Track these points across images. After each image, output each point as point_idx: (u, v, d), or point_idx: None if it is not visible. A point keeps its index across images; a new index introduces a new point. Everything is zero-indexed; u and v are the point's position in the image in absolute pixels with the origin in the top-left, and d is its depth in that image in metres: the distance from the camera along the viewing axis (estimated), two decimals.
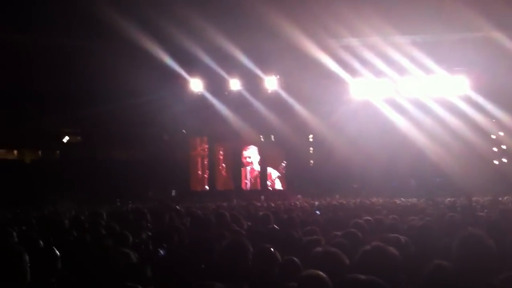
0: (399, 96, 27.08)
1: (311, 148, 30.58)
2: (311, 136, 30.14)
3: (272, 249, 3.98)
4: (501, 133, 27.28)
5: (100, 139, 29.24)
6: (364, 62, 25.76)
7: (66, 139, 30.41)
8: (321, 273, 2.94)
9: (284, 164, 29.81)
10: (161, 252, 5.20)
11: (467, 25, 22.71)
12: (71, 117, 26.86)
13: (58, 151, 31.10)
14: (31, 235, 5.87)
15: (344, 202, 15.58)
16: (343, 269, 3.21)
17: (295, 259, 4.06)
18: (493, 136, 27.71)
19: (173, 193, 27.76)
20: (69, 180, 24.50)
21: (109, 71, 23.04)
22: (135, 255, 4.63)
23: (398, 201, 16.18)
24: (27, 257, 3.38)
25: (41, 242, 5.10)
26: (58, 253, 4.26)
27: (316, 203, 13.27)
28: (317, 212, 10.61)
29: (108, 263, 4.17)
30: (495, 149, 28.14)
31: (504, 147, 27.82)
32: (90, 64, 23.50)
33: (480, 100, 25.71)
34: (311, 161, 30.31)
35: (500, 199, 14.74)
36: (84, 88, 24.65)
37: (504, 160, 27.83)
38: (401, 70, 26.13)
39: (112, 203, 17.81)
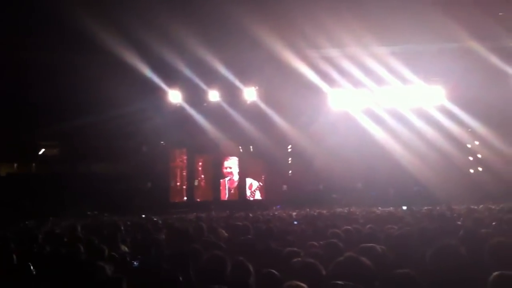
0: (377, 107, 27.32)
1: (289, 159, 30.65)
2: (290, 146, 30.21)
3: (245, 262, 3.97)
4: (476, 143, 27.67)
5: (78, 152, 28.90)
6: (342, 72, 25.95)
7: (42, 151, 30.02)
8: (301, 284, 2.94)
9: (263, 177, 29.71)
10: (135, 263, 5.15)
11: (445, 35, 23.08)
12: (49, 130, 26.54)
13: (34, 164, 30.66)
14: (5, 249, 5.78)
15: (324, 212, 15.63)
16: (320, 279, 3.21)
17: (274, 271, 4.05)
18: (469, 146, 28.09)
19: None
20: (45, 193, 24.15)
21: (88, 82, 22.85)
22: (110, 268, 4.58)
23: (377, 210, 16.26)
24: None
25: (15, 257, 5.02)
26: (32, 269, 4.19)
27: (294, 213, 13.27)
28: (295, 222, 10.62)
29: (83, 277, 4.12)
30: (470, 158, 28.53)
31: (479, 156, 28.22)
32: (68, 76, 23.28)
33: (456, 110, 26.07)
34: (290, 172, 30.37)
35: (475, 207, 14.91)
36: (62, 100, 24.37)
37: (480, 169, 28.21)
38: (379, 80, 26.38)
39: (90, 216, 17.57)
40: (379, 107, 27.32)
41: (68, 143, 29.24)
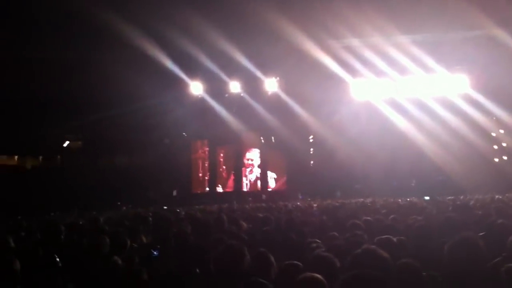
0: (399, 96, 27.08)
1: (311, 149, 30.58)
2: (311, 137, 30.13)
3: (266, 253, 3.98)
4: (501, 131, 27.25)
5: (101, 145, 29.26)
6: (364, 62, 25.75)
7: (66, 143, 30.46)
8: (317, 275, 2.95)
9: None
10: (154, 253, 5.22)
11: (468, 23, 22.70)
12: (73, 123, 26.91)
13: (59, 157, 31.14)
14: (30, 242, 5.90)
15: (346, 202, 15.59)
16: (334, 272, 3.23)
17: (297, 262, 4.06)
18: (493, 134, 27.69)
19: (174, 193, 27.80)
20: (70, 186, 24.53)
21: (110, 76, 23.05)
22: (132, 259, 4.66)
23: (399, 201, 16.15)
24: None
25: (41, 249, 5.12)
26: (58, 260, 4.28)
27: (315, 205, 13.26)
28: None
29: (105, 269, 4.19)
30: (495, 147, 28.12)
31: (504, 144, 27.80)
32: (90, 70, 23.53)
33: (481, 98, 25.69)
34: (311, 162, 30.31)
35: (499, 197, 14.69)
36: (85, 94, 24.69)
37: (505, 157, 27.80)
38: (401, 70, 26.13)
39: (113, 208, 17.82)
40: (402, 96, 27.07)
41: (92, 136, 29.59)
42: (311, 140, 30.29)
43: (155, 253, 5.21)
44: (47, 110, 25.66)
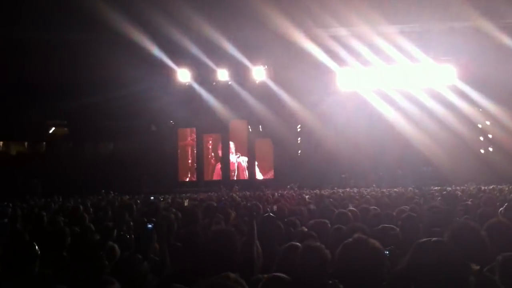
0: (386, 86, 27.13)
1: (299, 139, 30.60)
2: (299, 126, 30.13)
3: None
4: (488, 123, 27.45)
5: (87, 131, 29.00)
6: (351, 51, 25.74)
7: (52, 130, 30.18)
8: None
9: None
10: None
11: (455, 14, 22.80)
12: (58, 109, 26.61)
13: (44, 143, 30.83)
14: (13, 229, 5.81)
15: (333, 192, 15.64)
16: (326, 263, 3.20)
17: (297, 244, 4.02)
18: (480, 126, 27.89)
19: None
20: (55, 172, 24.32)
21: (96, 62, 22.84)
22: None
23: (385, 191, 16.23)
24: None
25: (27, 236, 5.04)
26: (37, 249, 4.18)
27: (307, 196, 13.26)
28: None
29: (96, 258, 4.10)
30: (481, 138, 28.33)
31: (490, 136, 28.00)
32: (76, 55, 23.30)
33: (467, 89, 25.83)
34: (299, 151, 30.33)
35: (484, 188, 14.83)
36: (71, 80, 24.41)
37: (490, 149, 28.01)
38: (388, 60, 26.15)
39: (98, 195, 17.66)
40: (389, 86, 27.13)
41: (76, 122, 29.30)
42: (298, 130, 30.29)
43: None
44: (32, 95, 25.33)
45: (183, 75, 27.80)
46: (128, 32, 22.67)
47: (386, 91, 27.02)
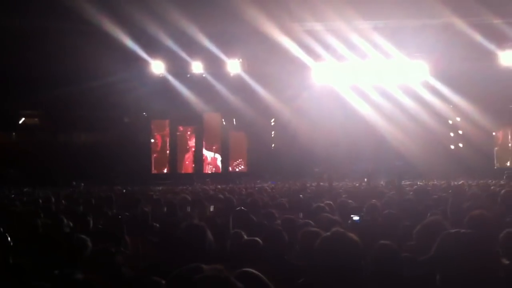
0: (361, 81, 27.34)
1: (273, 132, 30.69)
2: (273, 120, 30.20)
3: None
4: (458, 119, 27.97)
5: (59, 122, 28.56)
6: (327, 46, 25.82)
7: (22, 120, 29.64)
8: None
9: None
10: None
11: (427, 11, 23.05)
12: (30, 99, 26.16)
13: (14, 133, 30.25)
14: None
15: (307, 185, 15.72)
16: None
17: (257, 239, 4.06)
18: (450, 122, 28.40)
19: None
20: (25, 163, 23.93)
21: (70, 53, 22.51)
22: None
23: (357, 184, 16.41)
24: None
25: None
26: (9, 240, 4.12)
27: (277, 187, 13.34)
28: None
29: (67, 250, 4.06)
30: (451, 134, 28.87)
31: (460, 132, 28.56)
32: (50, 45, 22.86)
33: (438, 85, 26.22)
34: (273, 145, 30.44)
35: (454, 183, 15.12)
36: (44, 70, 23.97)
37: (460, 145, 28.56)
38: (363, 55, 26.33)
39: (70, 186, 17.46)
40: (363, 81, 27.34)
41: (49, 113, 28.83)
42: (272, 123, 30.37)
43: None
44: (4, 85, 24.81)
45: (157, 67, 27.55)
46: (103, 23, 22.35)
47: (360, 86, 27.23)
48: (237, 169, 30.28)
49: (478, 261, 2.46)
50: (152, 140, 30.56)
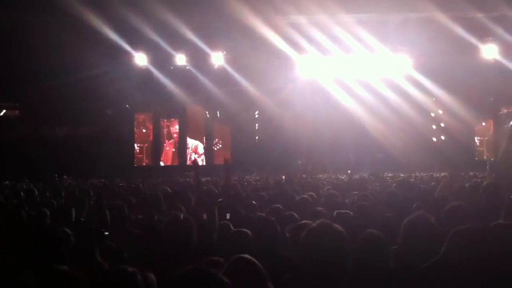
0: (344, 75, 27.45)
1: (257, 125, 30.70)
2: (257, 112, 30.21)
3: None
4: (440, 111, 28.25)
5: (40, 114, 28.21)
6: (311, 39, 25.84)
7: (3, 112, 29.26)
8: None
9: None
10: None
11: (411, 5, 23.18)
12: (11, 92, 25.82)
13: None
14: None
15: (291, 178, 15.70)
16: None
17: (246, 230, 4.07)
18: (433, 114, 28.67)
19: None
20: (5, 156, 23.66)
21: (51, 44, 22.18)
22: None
23: (341, 177, 16.49)
24: None
25: None
26: None
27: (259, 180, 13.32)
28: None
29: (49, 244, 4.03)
30: (434, 126, 29.17)
31: (442, 125, 28.88)
32: (31, 37, 22.53)
33: (421, 79, 26.46)
34: (257, 138, 30.46)
35: (436, 175, 15.28)
36: (25, 62, 23.64)
37: (442, 137, 28.89)
38: (346, 49, 26.40)
39: (51, 179, 17.25)
40: (347, 75, 27.46)
41: (30, 106, 28.48)
42: (256, 116, 30.37)
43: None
44: None
45: (140, 59, 27.35)
46: (85, 15, 22.09)
47: (344, 79, 27.35)
48: (221, 162, 30.23)
49: (489, 259, 2.36)
50: (136, 132, 30.39)
